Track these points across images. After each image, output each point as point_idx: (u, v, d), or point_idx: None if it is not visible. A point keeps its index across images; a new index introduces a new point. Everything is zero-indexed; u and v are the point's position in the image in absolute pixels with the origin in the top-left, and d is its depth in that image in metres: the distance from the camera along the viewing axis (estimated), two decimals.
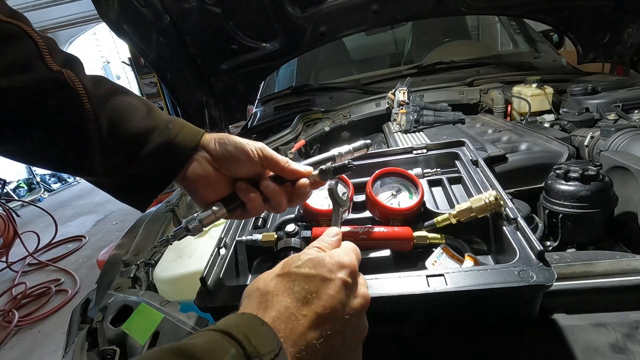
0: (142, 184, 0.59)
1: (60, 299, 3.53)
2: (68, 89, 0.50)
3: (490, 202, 0.65)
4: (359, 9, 1.68)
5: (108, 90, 0.55)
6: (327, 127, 1.83)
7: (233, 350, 0.33)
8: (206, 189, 0.61)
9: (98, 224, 5.48)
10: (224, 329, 0.36)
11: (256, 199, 0.61)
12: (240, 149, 0.59)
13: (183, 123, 0.60)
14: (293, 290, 0.41)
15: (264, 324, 0.38)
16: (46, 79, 0.49)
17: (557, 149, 1.10)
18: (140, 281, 0.98)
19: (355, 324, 0.44)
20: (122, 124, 0.54)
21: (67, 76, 0.51)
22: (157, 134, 0.57)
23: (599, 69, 1.91)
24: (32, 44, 0.49)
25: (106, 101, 0.54)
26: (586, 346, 0.55)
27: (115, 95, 0.56)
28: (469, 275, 0.54)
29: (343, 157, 0.66)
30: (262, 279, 0.44)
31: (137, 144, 0.56)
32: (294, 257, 0.46)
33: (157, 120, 0.58)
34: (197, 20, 1.57)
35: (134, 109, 0.56)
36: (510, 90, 1.63)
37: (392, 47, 2.70)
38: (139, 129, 0.56)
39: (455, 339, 0.60)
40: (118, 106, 0.55)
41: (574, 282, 0.63)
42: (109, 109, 0.54)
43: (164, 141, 0.57)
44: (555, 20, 1.80)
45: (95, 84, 0.54)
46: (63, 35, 8.54)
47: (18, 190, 7.45)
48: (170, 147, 0.57)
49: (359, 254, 0.51)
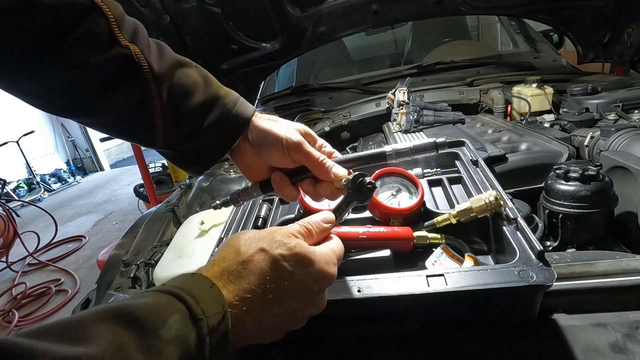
0: (201, 156, 0.61)
1: (60, 299, 3.53)
2: (134, 66, 0.52)
3: (490, 202, 0.65)
4: (359, 9, 1.68)
5: (170, 64, 0.56)
6: (327, 127, 1.83)
7: (177, 313, 0.33)
8: (248, 169, 0.64)
9: (98, 224, 5.48)
10: (170, 289, 0.35)
11: (289, 191, 0.62)
12: (272, 140, 0.58)
13: (237, 96, 0.62)
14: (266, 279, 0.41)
15: (213, 285, 0.38)
16: (116, 57, 0.51)
17: (557, 149, 1.10)
18: (140, 281, 0.98)
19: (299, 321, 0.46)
20: (182, 100, 0.56)
21: (134, 53, 0.52)
22: (216, 108, 0.58)
23: (599, 69, 1.91)
24: (103, 21, 0.50)
25: (168, 77, 0.55)
26: (586, 346, 0.55)
27: (177, 69, 0.57)
28: (469, 275, 0.54)
29: (398, 157, 0.62)
30: (245, 241, 0.44)
31: (197, 119, 0.57)
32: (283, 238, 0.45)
33: (214, 94, 0.59)
34: (197, 20, 1.57)
35: (193, 82, 0.57)
36: (510, 90, 1.63)
37: (392, 47, 2.70)
38: (199, 104, 0.57)
39: (455, 339, 0.60)
40: (179, 81, 0.56)
41: (574, 282, 0.63)
42: (170, 85, 0.55)
43: (222, 114, 0.58)
44: (556, 20, 1.80)
45: (158, 57, 0.55)
46: None
47: (18, 190, 7.45)
48: (227, 120, 0.59)
49: (342, 254, 0.51)
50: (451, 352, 0.59)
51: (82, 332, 0.28)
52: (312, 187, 0.62)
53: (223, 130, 0.59)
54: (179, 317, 0.33)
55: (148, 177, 3.66)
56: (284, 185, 0.61)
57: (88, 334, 0.28)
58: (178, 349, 0.32)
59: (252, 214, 0.85)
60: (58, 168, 8.60)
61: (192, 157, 0.62)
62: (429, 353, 0.60)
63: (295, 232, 0.48)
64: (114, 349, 0.28)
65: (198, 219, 1.10)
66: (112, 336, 0.29)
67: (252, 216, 0.85)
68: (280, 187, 0.61)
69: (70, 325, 0.29)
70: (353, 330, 0.64)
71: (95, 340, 0.28)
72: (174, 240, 1.06)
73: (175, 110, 0.56)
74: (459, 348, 0.59)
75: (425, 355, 0.59)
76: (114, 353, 0.28)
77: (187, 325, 0.33)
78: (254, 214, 0.85)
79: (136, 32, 0.54)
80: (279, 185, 0.61)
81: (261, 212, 0.85)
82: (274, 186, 0.62)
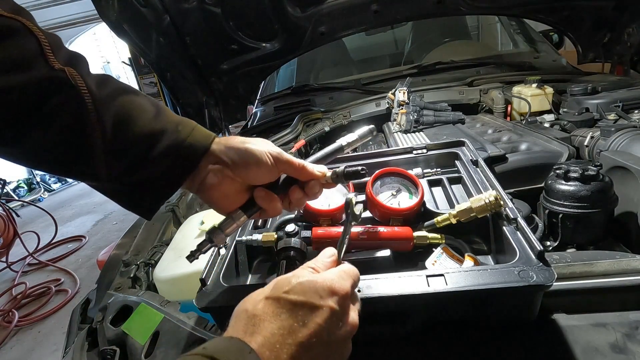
0: (149, 190, 0.56)
1: (60, 299, 3.53)
2: (70, 88, 0.48)
3: (490, 202, 0.65)
4: (359, 9, 1.68)
5: (114, 89, 0.52)
6: (327, 127, 1.83)
7: None
8: (224, 199, 0.59)
9: (98, 224, 5.47)
10: (213, 355, 0.35)
11: (277, 205, 0.60)
12: (259, 159, 0.56)
13: (194, 125, 0.57)
14: (280, 317, 0.40)
15: (251, 351, 0.37)
16: (47, 78, 0.47)
17: (557, 149, 1.10)
18: (140, 281, 0.98)
19: (339, 349, 0.43)
20: (128, 126, 0.51)
21: (70, 74, 0.48)
22: (166, 136, 0.53)
23: (599, 69, 1.91)
24: (34, 41, 0.47)
25: (111, 101, 0.51)
26: (586, 346, 0.55)
27: (121, 95, 0.52)
28: (469, 275, 0.54)
29: (350, 146, 0.67)
30: (250, 300, 0.43)
31: (144, 147, 0.52)
32: (284, 280, 0.44)
33: (166, 122, 0.54)
34: (197, 20, 1.57)
35: (141, 109, 0.53)
36: (510, 90, 1.63)
37: (392, 47, 2.70)
38: (147, 131, 0.52)
39: (455, 339, 0.60)
40: (124, 107, 0.52)
41: (574, 282, 0.63)
42: (115, 110, 0.51)
43: (173, 143, 0.53)
44: (556, 20, 1.80)
45: (100, 83, 0.51)
46: (63, 35, 8.52)
47: (18, 190, 7.45)
48: (179, 150, 0.54)
49: (356, 276, 0.49)
50: (451, 352, 0.59)
51: None
52: (301, 192, 0.61)
53: (177, 160, 0.54)
54: None
55: None
56: (272, 199, 0.59)
57: None
58: None
59: None
60: None
61: (140, 194, 0.56)
62: (429, 353, 0.60)
63: (298, 272, 0.47)
64: None
65: (198, 219, 1.10)
66: None
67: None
68: (268, 202, 0.59)
69: None
70: None
71: None
72: (174, 240, 1.06)
73: (119, 138, 0.50)
74: (459, 348, 0.59)
75: (425, 355, 0.59)
76: None
77: None
78: None
79: (75, 59, 0.50)
80: (265, 200, 0.59)
81: None
82: (259, 202, 0.59)
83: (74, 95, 0.48)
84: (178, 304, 0.81)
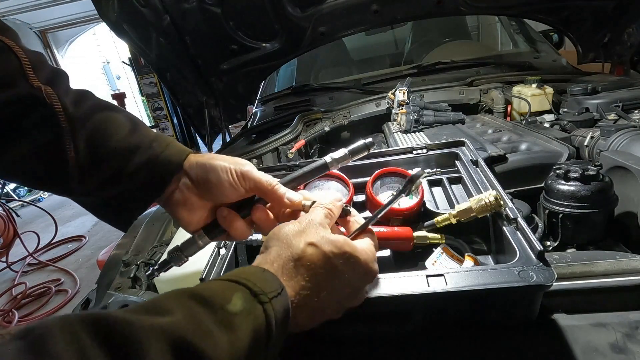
0: (124, 204, 0.57)
1: (60, 299, 3.53)
2: (45, 106, 0.49)
3: (490, 202, 0.65)
4: (359, 9, 1.68)
5: (90, 107, 0.53)
6: (327, 127, 1.83)
7: (239, 292, 0.39)
8: (189, 215, 0.58)
9: (98, 224, 5.46)
10: (228, 277, 0.41)
11: (239, 226, 0.57)
12: (220, 175, 0.55)
13: (170, 141, 0.58)
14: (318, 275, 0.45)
15: (265, 270, 0.43)
16: (25, 96, 0.48)
17: (557, 149, 1.10)
18: (140, 281, 0.98)
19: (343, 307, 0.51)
20: (102, 143, 0.52)
21: (46, 93, 0.49)
22: (141, 152, 0.54)
23: (599, 69, 1.91)
24: (14, 60, 0.48)
25: (87, 119, 0.52)
26: (586, 346, 0.55)
27: (97, 112, 0.54)
28: (469, 275, 0.54)
29: (338, 163, 0.60)
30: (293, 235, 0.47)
31: (119, 162, 0.53)
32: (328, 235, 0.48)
33: (141, 138, 0.55)
34: (197, 20, 1.57)
35: (117, 125, 0.54)
36: (510, 90, 1.63)
37: (392, 47, 2.70)
38: (121, 148, 0.53)
39: (455, 339, 0.60)
40: (99, 124, 0.53)
41: (574, 282, 0.63)
42: (90, 128, 0.52)
43: (147, 159, 0.54)
44: (555, 20, 1.80)
45: (76, 101, 0.52)
46: (63, 35, 8.54)
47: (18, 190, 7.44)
48: (153, 166, 0.55)
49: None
50: (451, 352, 0.59)
51: (162, 307, 0.34)
52: (264, 212, 0.58)
53: (151, 175, 0.55)
54: (241, 295, 0.38)
55: None
56: (234, 219, 0.57)
57: (167, 308, 0.34)
58: (246, 319, 0.37)
59: None
60: None
61: (115, 208, 0.57)
62: (429, 353, 0.59)
63: (326, 223, 0.51)
64: (190, 318, 0.33)
65: None
66: (188, 309, 0.34)
67: None
68: (230, 222, 0.57)
69: (152, 304, 0.34)
70: (353, 330, 0.64)
71: (174, 312, 0.33)
72: (174, 240, 1.06)
73: (93, 154, 0.52)
74: (459, 348, 0.59)
75: (425, 355, 0.59)
76: (190, 321, 0.33)
77: (250, 301, 0.38)
78: None
79: (56, 76, 0.52)
80: (227, 220, 0.57)
81: None
82: (221, 222, 0.57)
83: (48, 113, 0.50)
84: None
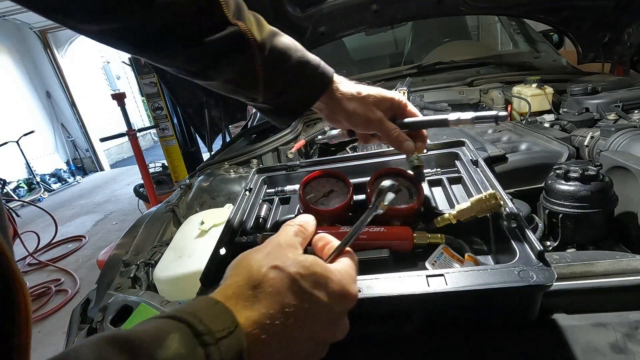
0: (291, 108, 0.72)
1: (60, 299, 3.53)
2: (242, 39, 0.62)
3: (490, 202, 0.65)
4: (359, 9, 1.68)
5: (267, 34, 0.66)
6: (327, 127, 1.83)
7: (176, 332, 0.32)
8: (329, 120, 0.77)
9: (98, 224, 5.48)
10: (172, 314, 0.35)
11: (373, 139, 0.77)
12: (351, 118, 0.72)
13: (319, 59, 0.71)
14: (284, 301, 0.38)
15: (217, 303, 0.36)
16: (227, 34, 0.61)
17: (557, 149, 1.10)
18: (140, 281, 0.98)
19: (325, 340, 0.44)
20: (278, 63, 0.66)
21: (242, 29, 0.62)
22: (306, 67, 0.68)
23: (599, 69, 1.91)
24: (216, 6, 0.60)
25: (268, 44, 0.65)
26: (586, 346, 0.55)
27: (272, 37, 0.67)
28: (469, 275, 0.54)
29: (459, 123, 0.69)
30: (255, 260, 0.42)
31: (290, 76, 0.68)
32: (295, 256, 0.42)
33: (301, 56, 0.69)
34: None
35: (286, 47, 0.68)
36: (510, 90, 1.63)
37: (392, 47, 2.70)
38: (291, 65, 0.67)
39: (455, 339, 0.60)
40: (276, 48, 0.66)
41: (574, 282, 0.63)
42: (269, 50, 0.65)
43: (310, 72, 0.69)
44: (556, 20, 1.80)
45: (259, 28, 0.65)
46: (63, 35, 8.53)
47: (18, 190, 7.44)
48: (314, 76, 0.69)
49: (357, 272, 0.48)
50: (451, 352, 0.59)
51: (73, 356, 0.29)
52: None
53: (312, 84, 0.70)
54: (179, 336, 0.32)
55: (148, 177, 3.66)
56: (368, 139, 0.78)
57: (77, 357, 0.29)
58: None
59: (252, 214, 0.85)
60: (58, 168, 8.59)
61: (284, 110, 0.73)
62: (429, 353, 0.59)
63: (297, 242, 0.46)
64: None
65: (198, 219, 1.10)
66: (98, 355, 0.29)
67: (253, 216, 0.85)
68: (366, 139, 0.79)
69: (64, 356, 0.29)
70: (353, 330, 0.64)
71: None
72: (174, 240, 1.06)
73: (273, 71, 0.67)
74: (459, 348, 0.59)
75: (425, 355, 0.59)
76: None
77: (189, 343, 0.32)
78: (254, 213, 0.85)
79: (239, 9, 0.64)
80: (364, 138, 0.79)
81: (261, 212, 0.85)
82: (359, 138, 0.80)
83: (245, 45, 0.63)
84: (178, 304, 0.81)
